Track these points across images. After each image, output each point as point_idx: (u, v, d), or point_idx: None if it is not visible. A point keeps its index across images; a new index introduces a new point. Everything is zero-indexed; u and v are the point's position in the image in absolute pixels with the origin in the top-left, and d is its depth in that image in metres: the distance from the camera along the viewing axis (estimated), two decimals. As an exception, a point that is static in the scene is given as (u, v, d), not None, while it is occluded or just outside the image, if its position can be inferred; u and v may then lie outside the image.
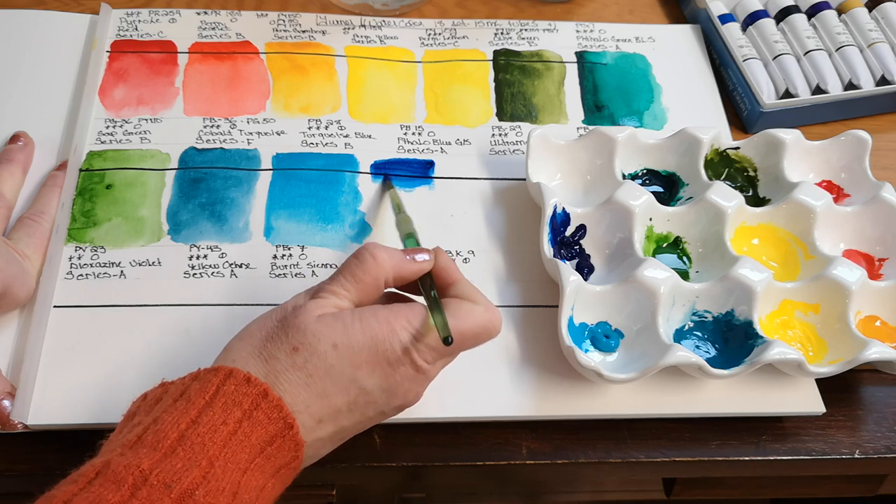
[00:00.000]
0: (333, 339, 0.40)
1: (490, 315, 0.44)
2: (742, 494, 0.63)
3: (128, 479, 0.35)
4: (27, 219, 0.53)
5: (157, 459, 0.35)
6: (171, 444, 0.36)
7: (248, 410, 0.38)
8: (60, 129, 0.59)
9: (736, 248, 0.54)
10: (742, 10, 0.70)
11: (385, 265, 0.44)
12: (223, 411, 0.38)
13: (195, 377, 0.39)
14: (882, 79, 0.66)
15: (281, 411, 0.39)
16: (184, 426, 0.37)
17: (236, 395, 0.38)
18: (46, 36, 0.63)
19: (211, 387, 0.38)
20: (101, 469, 0.35)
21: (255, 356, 0.40)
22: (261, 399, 0.38)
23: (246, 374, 0.39)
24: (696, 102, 0.66)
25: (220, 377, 0.39)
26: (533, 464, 0.50)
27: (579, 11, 0.72)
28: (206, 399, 0.38)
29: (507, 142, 0.62)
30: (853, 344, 0.50)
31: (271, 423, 0.38)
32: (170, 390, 0.39)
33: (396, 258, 0.44)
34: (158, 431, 0.37)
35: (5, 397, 0.47)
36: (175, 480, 0.35)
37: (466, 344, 0.44)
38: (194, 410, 0.37)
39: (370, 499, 0.59)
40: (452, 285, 0.45)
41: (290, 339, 0.40)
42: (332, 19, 0.68)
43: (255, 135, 0.60)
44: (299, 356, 0.40)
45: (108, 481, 0.35)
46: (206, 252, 0.54)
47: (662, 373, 0.50)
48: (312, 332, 0.40)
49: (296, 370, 0.40)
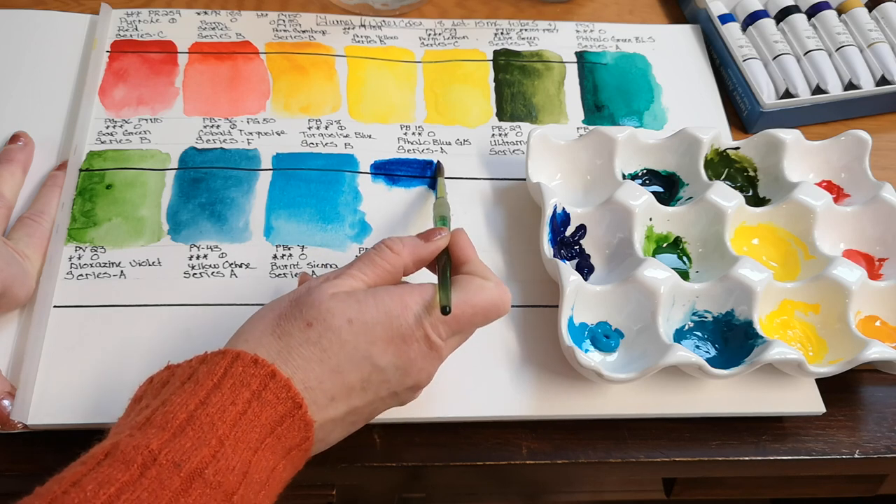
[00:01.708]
0: (348, 315, 0.41)
1: (500, 292, 0.44)
2: (742, 494, 0.63)
3: (137, 458, 0.35)
4: (27, 219, 0.53)
5: (166, 439, 0.36)
6: (179, 424, 0.36)
7: (256, 391, 0.38)
8: (60, 129, 0.59)
9: (736, 248, 0.54)
10: (742, 10, 0.70)
11: (403, 253, 0.45)
12: (232, 392, 0.38)
13: (202, 360, 0.40)
14: (882, 79, 0.66)
15: (289, 391, 0.39)
16: (192, 407, 0.37)
17: (244, 377, 0.38)
18: (46, 36, 0.63)
19: (219, 369, 0.38)
20: (111, 450, 0.35)
21: (267, 333, 0.41)
22: (269, 379, 0.38)
23: (253, 355, 0.39)
24: (696, 102, 0.66)
25: (227, 359, 0.39)
26: (533, 464, 0.50)
27: (579, 11, 0.72)
28: (214, 381, 0.38)
29: (507, 142, 0.62)
30: (853, 344, 0.50)
31: (280, 403, 0.38)
32: (177, 373, 0.39)
33: (412, 244, 0.46)
34: (167, 413, 0.37)
35: (5, 397, 0.47)
36: (184, 459, 0.35)
37: (477, 319, 0.44)
38: (203, 392, 0.37)
39: (370, 499, 0.59)
40: (466, 263, 0.46)
41: (304, 315, 0.41)
42: (332, 19, 0.68)
43: (255, 135, 0.60)
44: (313, 331, 0.40)
45: (118, 461, 0.35)
46: (206, 252, 0.54)
47: (662, 373, 0.50)
48: (327, 308, 0.41)
49: (309, 345, 0.40)
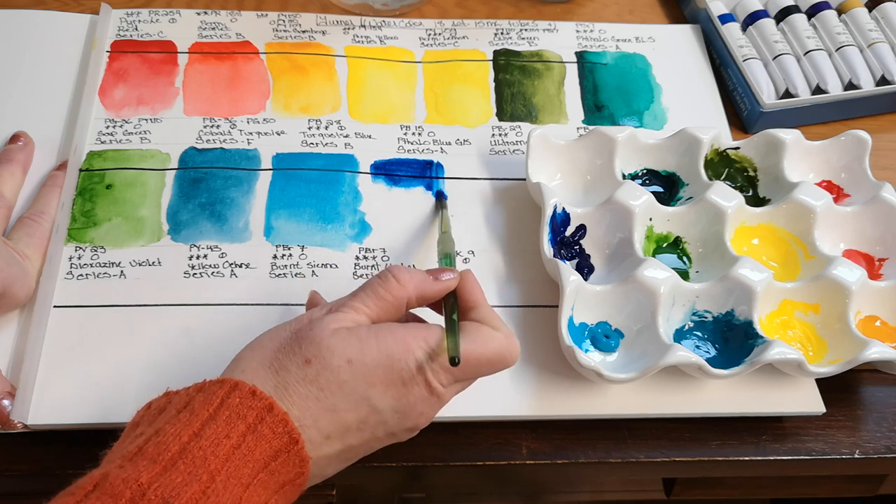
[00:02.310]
0: (348, 355, 0.39)
1: (509, 343, 0.43)
2: (742, 494, 0.63)
3: (125, 492, 0.34)
4: (27, 219, 0.53)
5: (156, 473, 0.35)
6: (171, 457, 0.35)
7: (252, 424, 0.37)
8: (60, 129, 0.59)
9: (736, 248, 0.54)
10: (742, 10, 0.70)
11: (408, 286, 0.43)
12: (227, 424, 0.37)
13: (200, 388, 0.39)
14: (882, 79, 0.66)
15: (286, 426, 0.38)
16: (186, 439, 0.36)
17: (241, 409, 0.37)
18: (46, 36, 0.63)
19: (215, 399, 0.37)
20: (99, 481, 0.34)
21: (265, 367, 0.39)
22: (266, 413, 0.37)
23: (251, 387, 0.38)
24: (696, 102, 0.66)
25: (224, 389, 0.38)
26: (533, 464, 0.50)
27: (579, 11, 0.72)
28: (209, 411, 0.37)
29: (507, 142, 0.62)
30: (853, 344, 0.50)
31: (276, 438, 0.37)
32: (174, 401, 0.39)
33: (419, 278, 0.44)
34: (160, 443, 0.36)
35: (5, 397, 0.47)
36: (174, 496, 0.34)
37: (482, 370, 0.43)
38: (197, 423, 0.37)
39: (370, 499, 0.59)
40: (474, 309, 0.44)
41: (303, 351, 0.39)
42: (332, 19, 0.68)
43: (255, 135, 0.60)
44: (311, 369, 0.39)
45: (105, 495, 0.34)
46: (206, 252, 0.54)
47: (662, 373, 0.50)
48: (327, 346, 0.39)
49: (307, 383, 0.39)
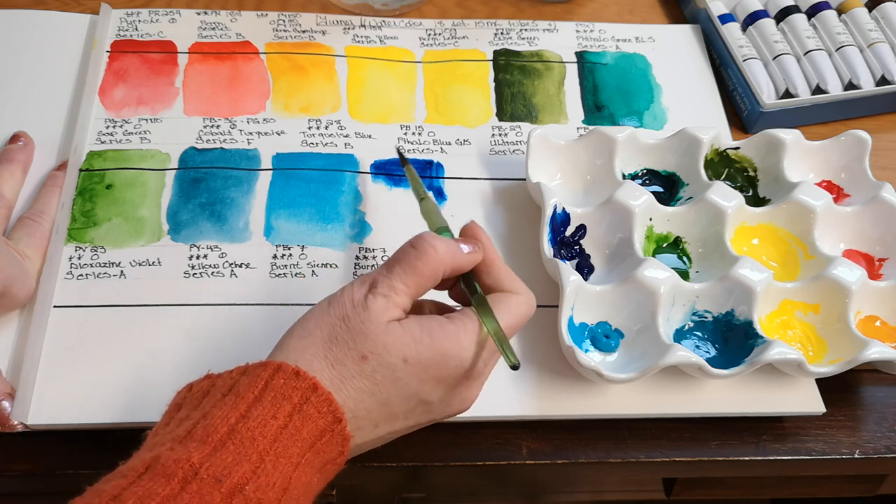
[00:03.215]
0: (404, 353, 0.40)
1: (530, 301, 0.44)
2: (742, 494, 0.63)
3: (178, 472, 0.34)
4: (27, 219, 0.53)
5: (206, 453, 0.35)
6: (220, 438, 0.36)
7: (297, 404, 0.38)
8: (60, 129, 0.59)
9: (736, 248, 0.54)
10: (742, 10, 0.70)
11: (445, 257, 0.42)
12: (273, 405, 0.37)
13: (243, 371, 0.39)
14: (882, 79, 0.66)
15: (331, 405, 0.38)
16: (233, 420, 0.37)
17: (285, 390, 0.38)
18: (46, 36, 0.63)
19: (260, 381, 0.38)
20: (151, 463, 0.35)
21: (319, 358, 0.40)
22: (310, 393, 0.38)
23: (295, 367, 0.39)
24: (696, 102, 0.66)
25: (268, 371, 0.39)
26: (533, 464, 0.50)
27: (579, 11, 0.72)
28: (255, 393, 0.38)
29: (507, 142, 0.62)
30: (853, 344, 0.50)
31: (321, 417, 0.38)
32: (217, 384, 0.39)
33: (454, 250, 0.43)
34: (208, 426, 0.37)
35: (5, 398, 0.47)
36: (225, 474, 0.35)
37: (512, 333, 0.44)
38: (243, 405, 0.37)
39: (370, 499, 0.60)
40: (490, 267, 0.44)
41: (359, 347, 0.40)
42: (332, 19, 0.68)
43: (255, 135, 0.60)
44: (367, 365, 0.40)
45: (158, 475, 0.34)
46: (206, 252, 0.54)
47: (662, 373, 0.50)
48: (383, 344, 0.40)
49: (363, 378, 0.40)
